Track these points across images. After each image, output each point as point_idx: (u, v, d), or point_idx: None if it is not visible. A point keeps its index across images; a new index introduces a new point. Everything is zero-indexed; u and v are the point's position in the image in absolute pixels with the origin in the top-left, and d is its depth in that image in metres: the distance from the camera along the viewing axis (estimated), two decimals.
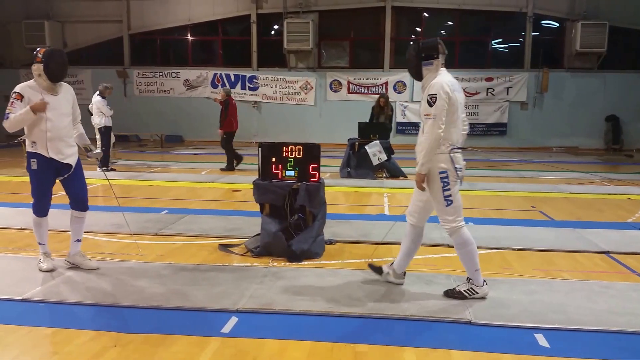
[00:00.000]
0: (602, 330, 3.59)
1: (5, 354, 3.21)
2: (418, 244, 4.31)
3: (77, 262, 4.70)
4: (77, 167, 4.62)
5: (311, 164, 5.29)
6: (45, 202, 4.59)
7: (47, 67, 4.32)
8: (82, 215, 4.71)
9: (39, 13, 18.11)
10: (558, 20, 16.90)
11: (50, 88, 4.41)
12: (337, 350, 3.31)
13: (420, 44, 3.96)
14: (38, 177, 4.51)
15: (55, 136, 4.42)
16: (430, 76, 3.91)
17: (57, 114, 4.43)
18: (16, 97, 4.33)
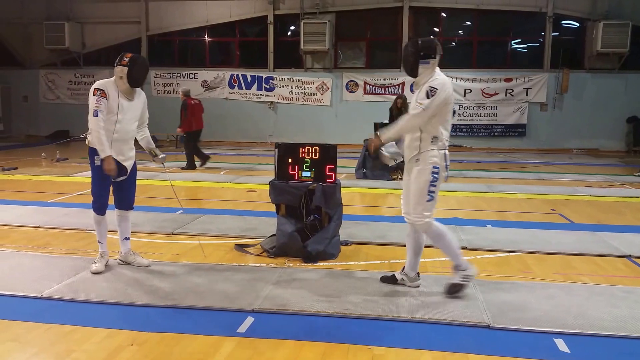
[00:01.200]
0: (624, 336, 3.51)
1: (24, 351, 3.24)
2: (423, 241, 4.29)
3: (129, 260, 4.78)
4: (133, 171, 4.69)
5: (327, 165, 5.27)
6: (104, 200, 4.64)
7: (132, 71, 4.39)
8: (127, 214, 4.78)
9: (59, 14, 18.38)
10: (579, 20, 16.66)
11: (128, 92, 4.48)
12: (353, 352, 3.29)
13: (419, 42, 4.01)
14: (100, 175, 4.51)
15: (121, 138, 4.48)
16: (426, 74, 3.99)
17: (127, 117, 4.50)
18: (102, 94, 4.35)
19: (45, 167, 11.64)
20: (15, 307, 3.90)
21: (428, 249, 5.50)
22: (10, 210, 7.02)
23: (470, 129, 17.14)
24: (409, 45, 4.08)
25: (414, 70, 4.03)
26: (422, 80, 4.02)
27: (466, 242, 5.71)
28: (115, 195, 4.73)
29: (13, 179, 10.02)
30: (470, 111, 17.03)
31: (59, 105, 18.95)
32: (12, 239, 5.77)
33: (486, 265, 5.06)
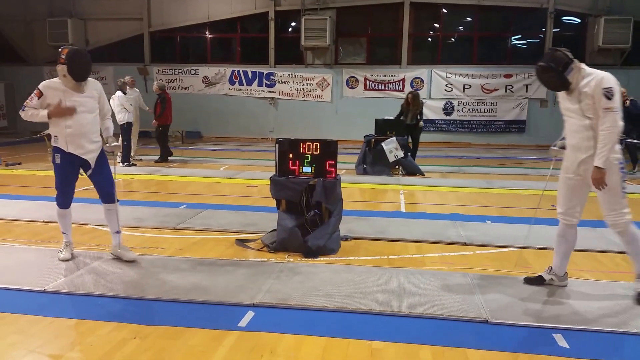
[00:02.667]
0: (624, 332, 3.54)
1: (28, 344, 3.29)
2: (575, 241, 4.26)
3: (117, 254, 4.83)
4: (101, 161, 4.71)
5: (328, 161, 5.31)
6: (67, 195, 4.72)
7: (71, 68, 4.41)
8: (111, 207, 4.81)
9: (62, 11, 18.41)
10: (580, 15, 16.63)
11: (75, 87, 4.50)
12: (353, 347, 3.33)
13: (551, 65, 3.89)
14: (60, 171, 4.65)
15: (76, 132, 4.52)
16: (577, 76, 3.88)
17: (79, 111, 4.52)
18: (36, 93, 4.48)
19: (49, 162, 11.65)
20: (20, 300, 3.95)
21: (427, 244, 5.58)
22: (14, 205, 7.08)
23: (469, 124, 17.16)
24: (542, 71, 3.97)
25: (565, 85, 3.93)
26: (578, 84, 3.89)
27: (465, 238, 5.75)
28: (96, 189, 4.80)
29: (17, 174, 10.07)
30: (469, 107, 17.04)
31: None
32: (16, 233, 5.82)
33: (485, 261, 5.10)
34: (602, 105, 3.78)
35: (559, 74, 3.88)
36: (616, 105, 3.76)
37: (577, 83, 3.89)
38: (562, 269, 4.30)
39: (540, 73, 4.02)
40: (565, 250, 4.26)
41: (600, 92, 3.77)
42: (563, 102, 4.09)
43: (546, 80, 4.02)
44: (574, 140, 4.01)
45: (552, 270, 4.32)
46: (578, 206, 4.15)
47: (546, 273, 4.35)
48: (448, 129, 17.21)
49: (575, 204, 4.14)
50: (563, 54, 3.92)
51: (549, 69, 3.91)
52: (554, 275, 4.31)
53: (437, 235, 5.88)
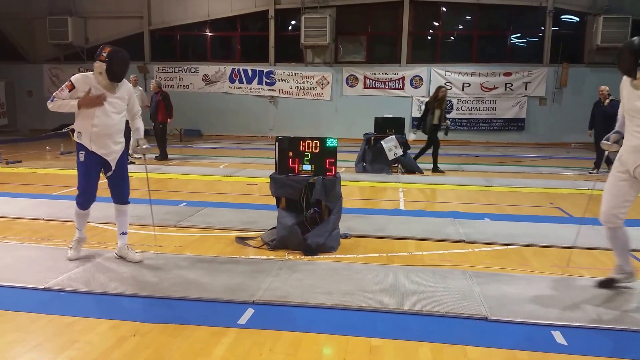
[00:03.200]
0: (621, 329, 3.55)
1: (28, 342, 3.30)
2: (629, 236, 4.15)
3: (123, 254, 4.79)
4: (121, 163, 4.68)
5: (328, 159, 5.31)
6: (89, 196, 4.64)
7: (110, 67, 4.35)
8: (123, 208, 4.78)
9: (62, 9, 18.42)
10: (579, 14, 16.64)
11: (109, 87, 4.45)
12: (353, 344, 3.34)
13: (637, 44, 3.82)
14: (84, 169, 4.54)
15: (102, 132, 4.46)
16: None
17: (108, 112, 4.46)
18: (68, 86, 4.40)
19: (49, 160, 11.69)
20: (19, 298, 3.95)
21: (426, 242, 5.59)
22: (15, 203, 7.08)
23: (469, 122, 17.17)
24: (625, 47, 3.90)
25: (632, 72, 3.84)
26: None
27: (464, 236, 5.76)
28: (110, 190, 4.76)
29: (17, 172, 10.07)
30: (469, 105, 17.06)
31: None
32: (16, 230, 5.82)
33: (484, 258, 5.11)
34: None
35: (635, 57, 3.77)
36: None
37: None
38: (627, 266, 4.15)
39: (623, 50, 3.91)
40: (621, 248, 4.12)
41: None
42: (630, 100, 3.93)
43: (622, 58, 3.90)
44: (637, 141, 3.85)
45: (620, 268, 4.16)
46: (624, 208, 4.01)
47: (616, 273, 4.17)
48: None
49: (622, 204, 4.00)
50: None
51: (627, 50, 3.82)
52: (625, 274, 4.16)
53: (436, 232, 5.89)
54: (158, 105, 11.90)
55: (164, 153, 12.18)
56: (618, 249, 4.16)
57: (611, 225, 4.06)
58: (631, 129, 3.92)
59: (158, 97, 11.93)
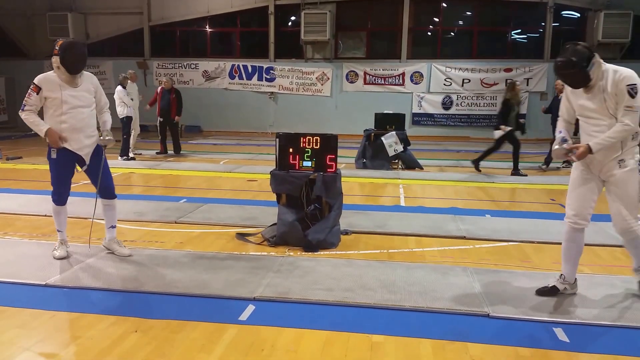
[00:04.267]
0: (623, 325, 3.56)
1: (29, 338, 3.30)
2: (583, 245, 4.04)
3: (112, 248, 4.82)
4: (98, 156, 4.66)
5: (328, 155, 5.31)
6: (64, 192, 4.66)
7: (64, 59, 4.34)
8: (110, 202, 4.78)
9: (62, 5, 18.37)
10: (579, 10, 16.59)
11: (69, 80, 4.44)
12: (353, 340, 3.34)
13: (573, 60, 3.61)
14: (56, 167, 4.57)
15: (72, 128, 4.45)
16: (598, 72, 3.65)
17: (74, 106, 4.46)
18: (33, 89, 4.40)
19: None
20: (21, 294, 3.96)
21: (428, 238, 5.59)
22: (15, 199, 7.08)
23: (469, 119, 17.14)
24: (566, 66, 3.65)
25: (586, 80, 3.67)
26: (598, 79, 3.67)
27: (465, 232, 5.77)
28: (93, 184, 4.75)
29: (18, 168, 10.07)
30: (469, 101, 17.02)
31: None
32: (17, 227, 5.83)
33: (485, 255, 5.11)
34: (625, 102, 3.59)
35: (582, 70, 3.61)
36: (638, 105, 3.58)
37: (597, 79, 3.66)
38: (573, 276, 4.04)
39: (561, 69, 3.69)
40: (576, 254, 4.01)
41: (624, 88, 3.58)
42: (577, 101, 3.82)
43: (567, 75, 3.71)
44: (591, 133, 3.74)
45: (565, 279, 4.04)
46: (590, 208, 3.91)
47: (559, 282, 4.05)
48: (447, 123, 17.19)
49: (589, 205, 3.91)
50: (584, 47, 3.66)
51: (573, 64, 3.61)
52: (567, 284, 4.04)
53: (437, 229, 5.89)
54: (171, 103, 11.99)
55: (179, 147, 12.43)
56: (572, 255, 4.00)
57: (577, 226, 3.92)
58: (590, 130, 3.78)
59: (172, 94, 12.05)
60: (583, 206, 3.92)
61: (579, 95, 3.81)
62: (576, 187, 3.96)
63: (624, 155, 3.72)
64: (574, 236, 3.97)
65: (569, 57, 3.64)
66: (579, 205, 3.93)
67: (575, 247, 4.00)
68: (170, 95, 12.07)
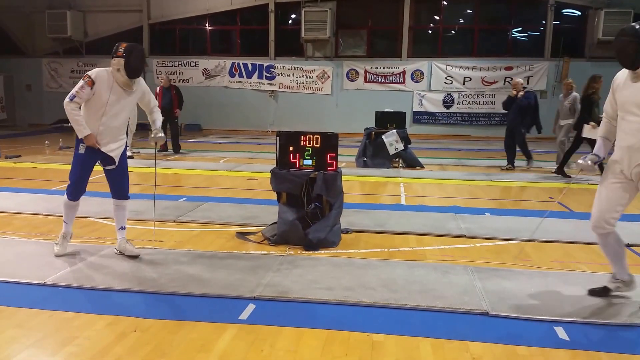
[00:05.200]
0: (622, 323, 3.55)
1: (27, 337, 3.29)
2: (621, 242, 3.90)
3: (122, 248, 4.77)
4: (122, 160, 4.66)
5: (329, 153, 5.29)
6: (81, 188, 4.63)
7: (128, 62, 4.28)
8: (123, 203, 4.75)
9: (61, 3, 18.32)
10: (580, 8, 16.57)
11: (126, 84, 4.39)
12: (354, 339, 3.33)
13: (637, 29, 3.47)
14: (81, 162, 4.51)
15: (106, 131, 4.44)
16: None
17: (117, 111, 4.43)
18: (88, 83, 4.28)
19: (48, 155, 11.66)
20: (19, 294, 3.94)
21: (428, 236, 5.57)
22: (14, 198, 7.06)
23: (469, 117, 17.13)
24: (625, 32, 3.54)
25: (634, 62, 3.52)
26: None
27: (465, 230, 5.75)
28: (109, 185, 4.74)
29: (16, 166, 10.05)
30: (469, 99, 17.01)
31: (61, 93, 18.57)
32: (15, 226, 5.81)
33: (485, 253, 5.10)
34: None
35: (637, 43, 3.45)
36: None
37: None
38: (624, 273, 3.89)
39: (620, 33, 3.57)
40: (615, 255, 3.87)
41: None
42: (623, 91, 3.67)
43: (620, 44, 3.56)
44: (633, 140, 3.59)
45: (616, 277, 3.91)
46: (616, 213, 3.76)
47: (611, 282, 3.93)
48: (448, 122, 17.18)
49: (614, 209, 3.75)
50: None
51: (634, 33, 3.47)
52: (619, 282, 3.91)
53: (437, 227, 5.88)
54: (173, 99, 12.05)
55: (178, 146, 12.48)
56: (611, 256, 3.90)
57: (601, 232, 3.81)
58: (624, 127, 3.68)
59: (172, 92, 12.11)
60: (607, 210, 3.76)
61: (626, 85, 3.64)
62: (603, 191, 3.82)
63: None
64: (603, 241, 3.86)
65: (633, 26, 3.51)
66: (602, 210, 3.78)
67: (611, 250, 3.87)
68: (172, 93, 12.09)
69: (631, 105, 3.61)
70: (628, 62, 3.57)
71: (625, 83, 3.68)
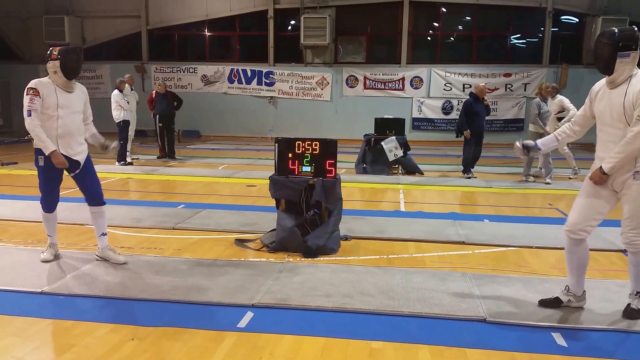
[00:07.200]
0: (620, 329, 3.56)
1: (25, 346, 3.27)
2: (588, 256, 3.86)
3: (106, 256, 4.76)
4: (87, 163, 4.66)
5: (328, 160, 5.29)
6: (53, 198, 4.66)
7: (63, 63, 4.40)
8: (99, 210, 4.74)
9: (59, 9, 18.32)
10: (578, 15, 16.64)
11: (65, 85, 4.49)
12: (352, 347, 3.32)
13: (617, 32, 3.46)
14: (45, 173, 4.56)
15: (66, 132, 4.47)
16: (625, 70, 3.45)
17: (69, 112, 4.50)
18: (34, 93, 4.39)
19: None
20: (16, 302, 3.93)
21: (427, 243, 5.57)
22: (10, 205, 7.04)
23: None
24: (603, 35, 3.54)
25: (609, 67, 3.49)
26: (619, 78, 3.49)
27: (464, 237, 5.75)
28: (82, 191, 4.74)
29: (13, 173, 10.03)
30: None
31: None
32: (12, 233, 5.79)
33: (483, 260, 5.09)
34: (636, 112, 3.38)
35: (612, 47, 3.44)
36: None
37: (623, 78, 3.47)
38: (579, 288, 3.86)
39: (600, 34, 3.57)
40: (578, 266, 3.81)
41: (636, 95, 3.38)
42: (600, 102, 3.65)
43: (597, 44, 3.55)
44: (609, 152, 3.55)
45: (569, 290, 3.89)
46: (595, 221, 3.71)
47: (563, 294, 3.91)
48: (447, 128, 17.17)
49: (593, 217, 3.70)
50: (633, 36, 3.44)
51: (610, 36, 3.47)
52: (571, 295, 3.88)
53: (436, 234, 5.87)
54: (172, 106, 12.08)
55: (173, 151, 12.46)
56: (574, 265, 3.83)
57: (575, 237, 3.74)
58: (603, 138, 3.65)
59: (169, 98, 12.10)
60: (585, 218, 3.71)
61: (603, 95, 3.63)
62: (584, 197, 3.76)
63: (638, 168, 3.49)
64: (572, 247, 3.80)
65: (613, 29, 3.50)
66: (581, 216, 3.73)
67: (575, 259, 3.82)
68: (169, 100, 12.11)
69: (607, 117, 3.59)
70: (602, 66, 3.57)
71: (602, 93, 3.66)
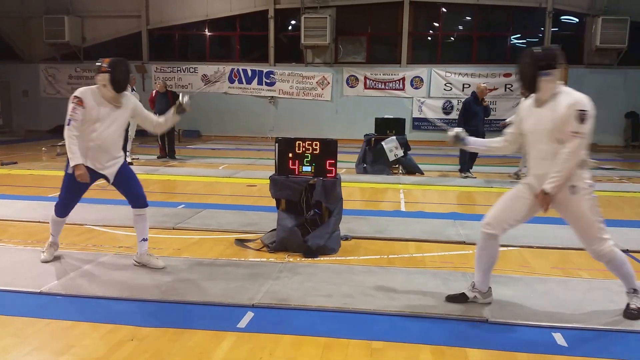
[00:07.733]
0: (621, 330, 3.54)
1: (24, 346, 3.25)
2: (497, 256, 3.89)
3: (145, 261, 4.64)
4: (124, 169, 4.56)
5: (328, 160, 5.28)
6: (70, 207, 4.59)
7: (114, 76, 4.24)
8: (142, 212, 4.60)
9: (59, 8, 18.30)
10: (578, 15, 16.64)
11: (114, 99, 4.34)
12: (353, 347, 3.31)
13: (537, 52, 3.59)
14: (71, 181, 4.39)
15: (98, 147, 4.34)
16: (548, 88, 3.56)
17: (107, 126, 4.34)
18: (78, 103, 4.23)
19: (45, 162, 11.63)
20: (15, 302, 3.91)
21: (426, 243, 5.55)
22: (10, 205, 7.02)
23: None
24: (524, 56, 3.64)
25: (532, 84, 3.58)
26: (544, 96, 3.58)
27: (464, 237, 5.73)
28: (124, 195, 4.64)
29: (13, 173, 10.01)
30: None
31: (59, 99, 18.81)
32: (11, 233, 5.78)
33: None
34: (571, 128, 3.42)
35: (534, 67, 3.54)
36: (586, 132, 3.42)
37: (547, 96, 3.56)
38: (485, 285, 3.90)
39: (522, 55, 3.68)
40: (487, 264, 3.85)
41: (573, 113, 3.42)
42: (528, 119, 3.70)
43: (520, 65, 3.66)
44: (543, 169, 3.57)
45: (475, 287, 3.91)
46: (514, 221, 3.75)
47: (469, 290, 3.93)
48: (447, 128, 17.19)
49: (512, 219, 3.75)
50: (554, 55, 3.60)
51: (531, 55, 3.60)
52: (477, 292, 3.90)
53: (437, 234, 5.86)
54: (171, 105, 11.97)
55: (173, 151, 12.41)
56: (483, 262, 3.85)
57: (489, 231, 3.74)
58: (535, 155, 3.68)
59: (169, 97, 11.99)
60: (503, 218, 3.74)
61: (530, 113, 3.68)
62: (508, 199, 3.80)
63: (574, 181, 3.52)
64: (485, 243, 3.80)
65: (533, 48, 3.63)
66: (499, 215, 3.76)
67: (485, 256, 3.83)
68: (168, 98, 11.98)
69: (537, 134, 3.61)
70: (526, 85, 3.64)
71: (529, 111, 3.70)
